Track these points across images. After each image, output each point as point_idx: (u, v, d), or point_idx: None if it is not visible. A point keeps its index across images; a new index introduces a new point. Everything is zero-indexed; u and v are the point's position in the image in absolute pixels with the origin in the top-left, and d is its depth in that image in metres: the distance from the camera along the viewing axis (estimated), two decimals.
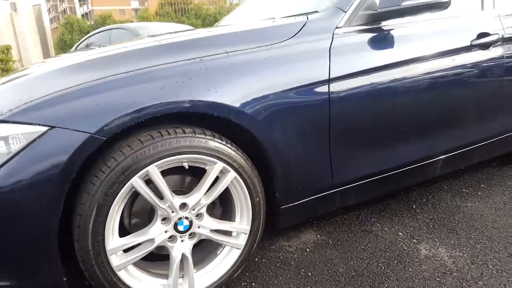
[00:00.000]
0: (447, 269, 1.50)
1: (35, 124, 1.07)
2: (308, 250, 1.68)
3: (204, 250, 1.42)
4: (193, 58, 1.27)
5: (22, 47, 12.10)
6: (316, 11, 1.62)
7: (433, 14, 1.65)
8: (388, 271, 1.50)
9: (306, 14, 1.59)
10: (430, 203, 2.06)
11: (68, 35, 12.02)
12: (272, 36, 1.43)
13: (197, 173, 1.32)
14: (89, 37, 6.92)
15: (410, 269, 1.51)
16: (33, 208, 1.08)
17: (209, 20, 13.63)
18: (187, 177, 1.37)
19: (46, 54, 12.50)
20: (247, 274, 1.53)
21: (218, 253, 1.42)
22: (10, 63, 10.74)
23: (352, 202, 1.74)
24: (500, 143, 2.14)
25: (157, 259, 1.38)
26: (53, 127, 1.07)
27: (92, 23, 13.37)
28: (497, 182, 2.30)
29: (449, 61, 1.74)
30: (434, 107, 1.77)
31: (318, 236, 1.79)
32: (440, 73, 1.72)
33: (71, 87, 1.13)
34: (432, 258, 1.57)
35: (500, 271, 1.47)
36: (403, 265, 1.54)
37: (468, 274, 1.46)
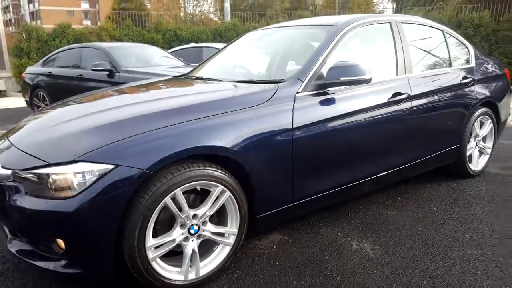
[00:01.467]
0: (369, 258, 2.21)
1: (105, 163, 1.63)
2: (274, 247, 2.34)
3: (205, 247, 2.01)
4: (206, 117, 1.89)
5: None
6: (283, 80, 2.30)
7: None
8: (330, 259, 2.19)
9: (277, 82, 2.27)
10: (361, 211, 2.80)
11: (25, 43, 11.85)
12: (255, 100, 2.08)
13: (200, 193, 1.93)
14: (58, 53, 7.17)
15: (345, 258, 2.20)
16: (102, 220, 1.63)
17: (169, 35, 13.99)
18: (191, 195, 1.96)
19: None
20: (232, 264, 2.14)
21: (214, 249, 2.02)
22: None
23: (306, 211, 2.41)
24: (411, 168, 2.93)
25: (170, 254, 1.95)
26: (118, 165, 1.64)
27: (41, 25, 13.17)
28: (410, 196, 3.11)
29: (372, 113, 2.50)
30: (362, 145, 2.51)
31: (281, 236, 2.45)
32: (366, 121, 2.47)
33: (126, 137, 1.71)
34: (360, 250, 2.28)
35: (402, 258, 2.21)
36: (341, 255, 2.23)
37: (382, 260, 2.18)
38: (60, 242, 1.70)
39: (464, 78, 3.22)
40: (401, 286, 1.93)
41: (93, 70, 6.03)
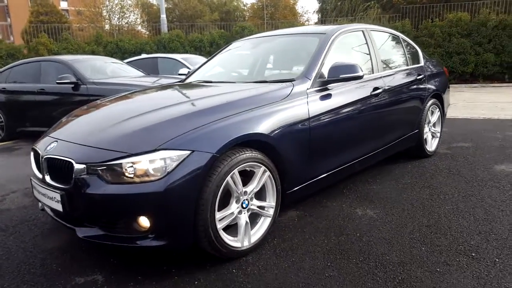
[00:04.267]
0: (375, 219, 2.72)
1: (183, 150, 1.96)
2: (296, 219, 2.76)
3: (251, 219, 2.37)
4: (247, 110, 2.28)
5: None
6: (293, 79, 2.75)
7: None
8: (345, 223, 2.67)
9: (288, 81, 2.71)
10: (352, 188, 3.34)
11: None
12: (279, 96, 2.52)
13: (242, 174, 2.30)
14: (11, 67, 6.95)
15: (356, 221, 2.70)
16: (184, 197, 1.95)
17: (110, 47, 13.78)
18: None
19: None
20: (269, 234, 2.52)
21: (257, 221, 2.40)
22: None
23: (317, 188, 2.88)
24: (388, 149, 3.54)
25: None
26: (194, 151, 1.97)
27: None
28: (386, 174, 3.72)
29: (361, 104, 3.05)
30: (355, 130, 3.05)
31: (298, 212, 2.89)
32: (357, 111, 3.01)
33: (195, 128, 2.05)
34: (365, 215, 2.79)
35: (400, 216, 2.74)
36: (352, 219, 2.72)
37: (386, 220, 2.70)
38: (142, 220, 1.97)
39: (419, 74, 3.93)
40: (407, 234, 2.47)
41: (58, 83, 6.01)
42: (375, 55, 3.42)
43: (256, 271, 2.13)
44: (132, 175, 1.93)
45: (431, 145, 4.28)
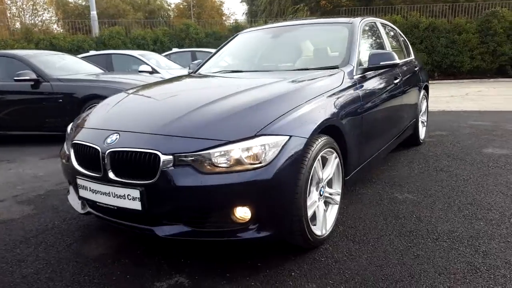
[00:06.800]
0: (418, 202, 2.83)
1: (283, 135, 1.86)
2: (345, 207, 2.77)
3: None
4: (317, 96, 2.26)
5: None
6: (337, 66, 2.76)
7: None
8: (393, 207, 2.74)
9: (331, 68, 2.72)
10: (375, 176, 3.44)
11: None
12: (334, 83, 2.51)
13: None
14: None
15: (403, 205, 2.78)
16: (288, 184, 1.86)
17: (43, 45, 12.60)
18: None
19: None
20: None
21: (326, 208, 2.36)
22: None
23: (364, 171, 2.90)
24: (400, 136, 3.70)
25: None
26: (291, 136, 1.88)
27: None
28: (395, 161, 3.89)
29: (389, 91, 3.16)
30: (388, 116, 3.15)
31: (343, 200, 2.89)
32: (387, 97, 3.11)
33: (286, 112, 1.96)
34: (407, 198, 2.89)
35: (438, 197, 2.89)
36: (398, 203, 2.80)
37: (429, 201, 2.82)
38: (241, 211, 1.84)
39: (415, 66, 4.18)
40: (458, 212, 2.61)
41: (16, 80, 5.36)
42: (388, 45, 3.56)
43: (345, 257, 2.10)
44: (229, 164, 1.79)
45: (422, 133, 4.57)
